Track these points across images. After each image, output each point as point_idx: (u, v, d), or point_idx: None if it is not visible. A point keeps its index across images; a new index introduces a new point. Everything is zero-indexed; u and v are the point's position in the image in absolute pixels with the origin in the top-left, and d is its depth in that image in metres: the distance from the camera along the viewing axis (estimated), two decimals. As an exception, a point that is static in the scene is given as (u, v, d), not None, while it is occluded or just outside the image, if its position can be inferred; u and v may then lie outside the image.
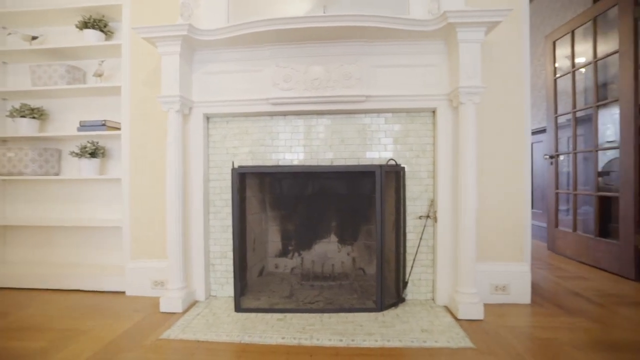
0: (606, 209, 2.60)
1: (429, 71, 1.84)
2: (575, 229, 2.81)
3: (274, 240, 2.39)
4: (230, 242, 1.97)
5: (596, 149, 2.61)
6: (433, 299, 1.90)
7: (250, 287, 2.04)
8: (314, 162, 1.98)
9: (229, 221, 1.99)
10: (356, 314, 1.75)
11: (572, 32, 2.88)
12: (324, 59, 1.85)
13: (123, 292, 2.10)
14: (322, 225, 2.35)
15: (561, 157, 3.03)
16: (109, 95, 2.28)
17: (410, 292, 1.93)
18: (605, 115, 2.70)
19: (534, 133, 3.73)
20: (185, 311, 1.82)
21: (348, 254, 2.35)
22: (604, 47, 2.58)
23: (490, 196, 1.92)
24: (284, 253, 2.39)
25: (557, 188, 3.06)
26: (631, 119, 2.28)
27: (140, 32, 1.75)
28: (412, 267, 1.90)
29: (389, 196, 1.97)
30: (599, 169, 2.65)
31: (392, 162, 1.88)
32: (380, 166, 1.74)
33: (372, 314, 1.74)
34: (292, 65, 1.86)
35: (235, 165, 1.97)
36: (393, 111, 1.91)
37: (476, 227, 1.91)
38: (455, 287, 1.77)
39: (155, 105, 2.00)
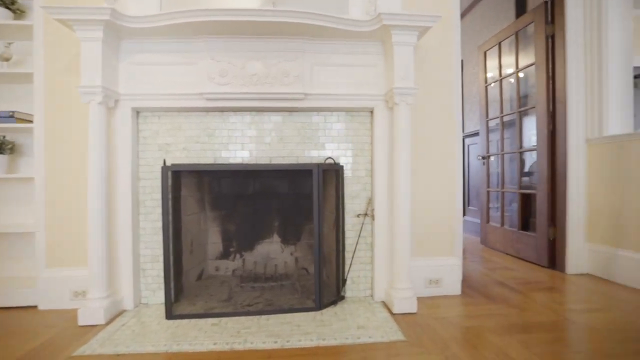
0: (528, 205, 2.87)
1: (367, 71, 1.88)
2: (503, 224, 3.06)
3: (215, 242, 2.29)
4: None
5: (519, 150, 2.87)
6: (372, 296, 1.95)
7: (186, 292, 1.93)
8: (252, 161, 1.93)
9: (161, 222, 1.86)
10: (295, 315, 1.72)
11: (499, 44, 3.14)
12: (263, 54, 1.81)
13: (35, 307, 1.86)
14: (264, 225, 2.30)
15: (492, 158, 3.29)
16: (20, 83, 2.02)
17: (349, 290, 1.96)
18: (531, 121, 2.97)
19: (471, 135, 4.02)
20: (108, 322, 1.66)
21: (291, 254, 2.33)
22: (526, 59, 2.85)
23: (426, 195, 2.01)
24: (225, 255, 2.30)
25: (488, 186, 3.31)
26: (545, 124, 2.54)
27: (52, 12, 1.56)
28: (350, 265, 1.93)
29: (329, 195, 1.98)
30: (527, 169, 2.92)
31: (331, 161, 1.89)
32: (318, 165, 1.74)
33: (311, 314, 1.73)
34: (229, 60, 1.79)
35: (168, 163, 1.85)
36: (332, 110, 1.92)
37: (413, 224, 2.00)
38: (391, 283, 1.83)
39: (79, 96, 1.81)
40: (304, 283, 2.10)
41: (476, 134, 3.88)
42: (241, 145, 1.92)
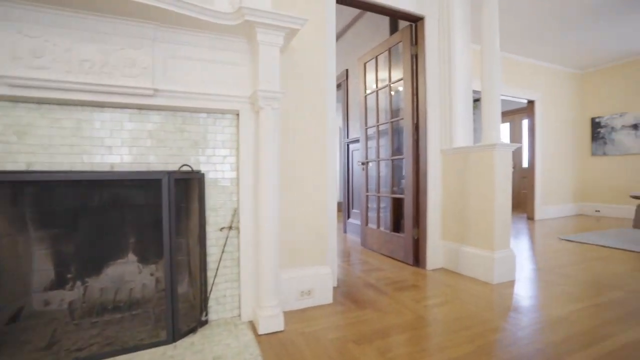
0: (400, 208, 3.12)
1: (233, 70, 1.71)
2: (379, 226, 3.28)
3: (43, 269, 1.79)
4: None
5: (391, 158, 3.10)
6: (239, 316, 1.78)
7: (-17, 343, 1.43)
8: (86, 167, 1.55)
9: None
10: (142, 353, 1.44)
11: (376, 58, 3.37)
12: (100, 36, 1.46)
13: None
14: (115, 243, 1.91)
15: (370, 164, 3.51)
16: None
17: (215, 312, 1.75)
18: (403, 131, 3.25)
19: (355, 141, 4.23)
20: None
21: (151, 274, 1.99)
22: (398, 74, 3.10)
23: (299, 204, 1.95)
24: (59, 283, 1.82)
25: (367, 191, 3.52)
26: (410, 134, 2.80)
27: None
28: (213, 284, 1.73)
29: (191, 206, 1.74)
30: (403, 174, 3.17)
31: (187, 168, 1.65)
32: (169, 173, 1.49)
33: (161, 349, 1.47)
34: (48, 37, 1.39)
35: (-53, 170, 1.33)
36: (193, 111, 1.69)
37: (285, 234, 1.91)
38: (258, 301, 1.70)
39: None
40: (165, 308, 1.81)
41: (358, 140, 4.11)
42: (69, 147, 1.52)
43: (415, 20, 2.80)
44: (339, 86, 4.78)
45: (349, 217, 4.34)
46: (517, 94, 5.33)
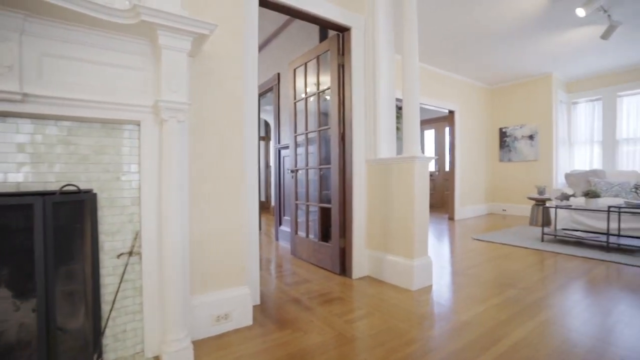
0: (327, 217, 3.13)
1: (134, 75, 1.50)
2: (308, 234, 3.25)
3: None
4: None
5: (319, 167, 3.10)
6: (143, 352, 1.58)
7: None
8: None
9: None
10: (5, 415, 1.18)
11: (306, 65, 3.33)
12: (-56, 25, 1.16)
13: None
14: (-19, 276, 1.56)
15: (300, 172, 3.46)
16: None
17: (113, 350, 1.53)
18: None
19: (286, 148, 4.15)
20: None
21: (34, 311, 1.68)
22: (326, 82, 3.10)
23: (213, 221, 1.81)
24: None
25: (296, 199, 3.47)
26: (337, 143, 2.82)
27: None
28: (108, 318, 1.51)
29: (82, 231, 1.50)
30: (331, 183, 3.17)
31: (73, 188, 1.41)
32: (44, 195, 1.25)
33: (34, 407, 1.23)
34: None
35: None
36: (80, 120, 1.45)
37: (198, 256, 1.76)
38: (163, 334, 1.52)
39: None
40: (54, 349, 1.52)
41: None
42: None
43: (343, 31, 2.83)
44: (270, 90, 4.66)
45: (280, 224, 4.26)
46: (439, 104, 5.77)
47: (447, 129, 7.78)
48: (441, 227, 5.33)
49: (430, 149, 8.35)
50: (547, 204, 5.00)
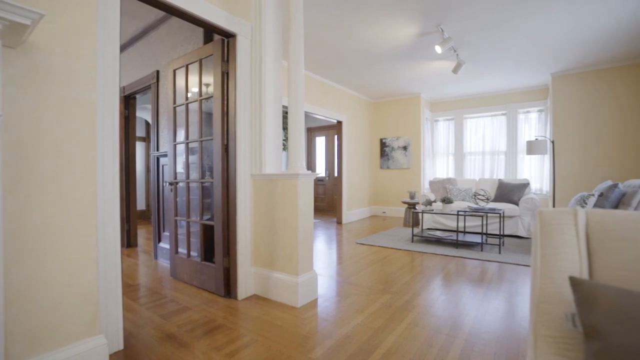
0: (211, 235, 2.89)
1: None
2: (189, 254, 2.95)
3: None
4: None
5: (200, 181, 2.84)
6: None
7: None
8: None
9: None
10: None
11: (187, 67, 3.01)
12: None
13: None
14: None
15: (180, 184, 3.12)
16: None
17: None
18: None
19: (165, 155, 3.69)
20: None
21: None
22: (210, 88, 2.86)
23: (49, 264, 1.42)
24: None
25: (176, 215, 3.12)
26: (220, 156, 2.62)
27: None
28: None
29: None
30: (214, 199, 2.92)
31: None
32: None
33: None
34: None
35: None
36: None
37: (24, 311, 1.36)
38: None
39: None
40: None
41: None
42: None
43: (228, 36, 2.65)
44: (148, 88, 4.10)
45: (159, 240, 3.77)
46: (329, 114, 6.06)
47: (336, 137, 8.29)
48: (330, 232, 5.60)
49: (321, 155, 8.75)
50: (417, 207, 5.80)
